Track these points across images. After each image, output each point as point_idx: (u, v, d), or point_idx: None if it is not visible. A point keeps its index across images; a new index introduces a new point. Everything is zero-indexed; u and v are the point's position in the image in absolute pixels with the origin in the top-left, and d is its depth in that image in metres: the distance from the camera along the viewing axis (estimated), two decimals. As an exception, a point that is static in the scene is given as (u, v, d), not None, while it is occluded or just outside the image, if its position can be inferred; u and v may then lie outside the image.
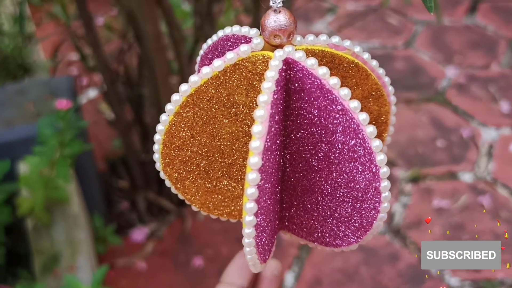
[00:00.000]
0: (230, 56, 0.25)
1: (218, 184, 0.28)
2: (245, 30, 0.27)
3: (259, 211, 0.23)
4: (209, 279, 1.10)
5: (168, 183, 0.30)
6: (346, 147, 0.24)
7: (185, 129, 0.27)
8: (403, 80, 1.62)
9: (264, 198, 0.24)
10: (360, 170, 0.24)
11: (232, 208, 0.29)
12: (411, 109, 1.52)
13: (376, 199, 0.25)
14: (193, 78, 0.26)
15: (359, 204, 0.25)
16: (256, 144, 0.22)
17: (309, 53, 0.26)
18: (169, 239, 1.21)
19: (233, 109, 0.26)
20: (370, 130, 0.24)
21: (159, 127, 0.28)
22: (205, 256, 1.15)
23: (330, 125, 0.24)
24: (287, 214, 0.29)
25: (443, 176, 1.33)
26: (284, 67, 0.25)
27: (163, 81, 1.04)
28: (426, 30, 1.83)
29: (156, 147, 0.29)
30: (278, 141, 0.25)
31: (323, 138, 0.25)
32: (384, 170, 0.24)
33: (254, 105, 0.26)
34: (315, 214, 0.27)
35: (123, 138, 1.25)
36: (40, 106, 1.08)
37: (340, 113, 0.24)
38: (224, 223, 1.12)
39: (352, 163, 0.24)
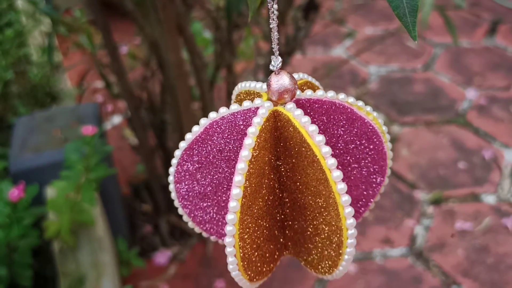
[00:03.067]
0: (252, 130, 0.26)
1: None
2: (222, 110, 0.28)
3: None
4: (231, 302, 1.11)
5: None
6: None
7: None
8: (423, 102, 1.62)
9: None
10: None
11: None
12: (431, 131, 1.52)
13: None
14: (240, 166, 0.26)
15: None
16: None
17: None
18: (191, 262, 1.22)
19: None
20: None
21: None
22: (227, 279, 1.15)
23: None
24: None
25: (466, 198, 1.32)
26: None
27: (185, 107, 1.07)
28: (445, 52, 1.84)
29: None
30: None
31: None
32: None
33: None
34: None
35: (146, 163, 1.27)
36: (67, 133, 1.12)
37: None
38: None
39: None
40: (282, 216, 0.30)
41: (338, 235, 0.26)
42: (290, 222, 0.30)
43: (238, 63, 1.46)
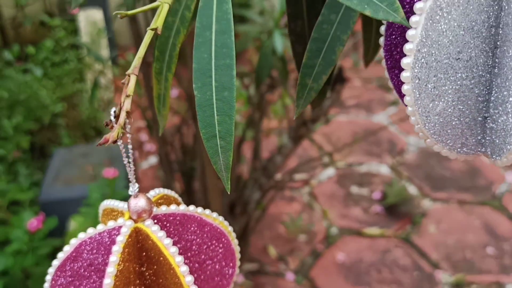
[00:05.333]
0: (116, 249, 0.31)
1: None
2: (90, 231, 0.32)
3: None
4: None
5: None
6: None
7: None
8: (459, 180, 1.59)
9: None
10: None
11: None
12: (464, 211, 1.48)
13: None
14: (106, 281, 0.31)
15: None
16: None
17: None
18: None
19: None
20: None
21: None
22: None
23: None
24: None
25: (490, 285, 1.27)
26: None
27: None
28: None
29: None
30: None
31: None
32: None
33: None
34: None
35: (171, 207, 1.32)
36: (98, 169, 1.18)
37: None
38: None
39: None
40: None
41: None
42: None
43: (270, 120, 1.50)
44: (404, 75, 0.22)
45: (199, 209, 0.33)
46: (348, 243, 1.44)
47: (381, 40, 0.26)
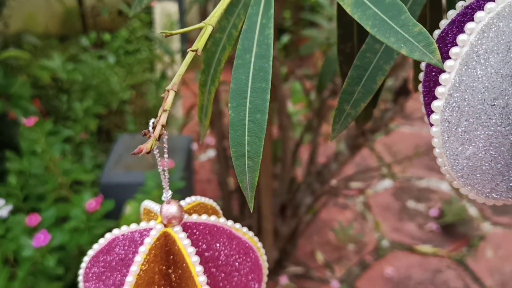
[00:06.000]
0: (142, 249, 0.32)
1: None
2: (123, 228, 0.34)
3: None
4: None
5: None
6: None
7: None
8: (524, 206, 1.51)
9: None
10: None
11: None
12: (525, 239, 1.41)
13: None
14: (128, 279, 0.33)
15: None
16: None
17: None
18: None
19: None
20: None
21: None
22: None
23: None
24: None
25: (545, 322, 1.20)
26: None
27: (264, 160, 1.12)
28: None
29: None
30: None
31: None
32: None
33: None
34: None
35: (224, 202, 1.34)
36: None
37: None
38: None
39: None
40: None
41: None
42: None
43: (329, 126, 1.48)
44: (434, 118, 0.21)
45: (229, 222, 0.34)
46: (398, 258, 1.41)
47: (421, 75, 0.25)
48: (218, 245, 0.34)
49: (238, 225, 0.35)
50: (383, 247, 1.44)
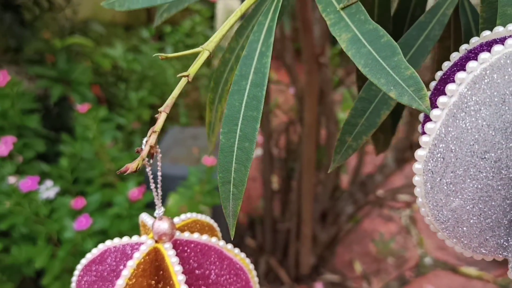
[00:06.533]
0: (131, 264, 0.33)
1: None
2: (116, 241, 0.35)
3: None
4: None
5: None
6: None
7: None
8: None
9: None
10: None
11: None
12: None
13: None
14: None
15: None
16: None
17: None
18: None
19: None
20: None
21: None
22: None
23: None
24: None
25: None
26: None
27: (307, 165, 1.11)
28: None
29: None
30: None
31: None
32: None
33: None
34: None
35: (266, 202, 1.35)
36: (203, 154, 1.25)
37: None
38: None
39: None
40: None
41: None
42: None
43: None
44: (416, 167, 0.21)
45: (221, 243, 0.35)
46: (440, 278, 1.36)
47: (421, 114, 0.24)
48: (209, 263, 0.34)
49: (230, 246, 0.35)
50: (425, 265, 1.40)
